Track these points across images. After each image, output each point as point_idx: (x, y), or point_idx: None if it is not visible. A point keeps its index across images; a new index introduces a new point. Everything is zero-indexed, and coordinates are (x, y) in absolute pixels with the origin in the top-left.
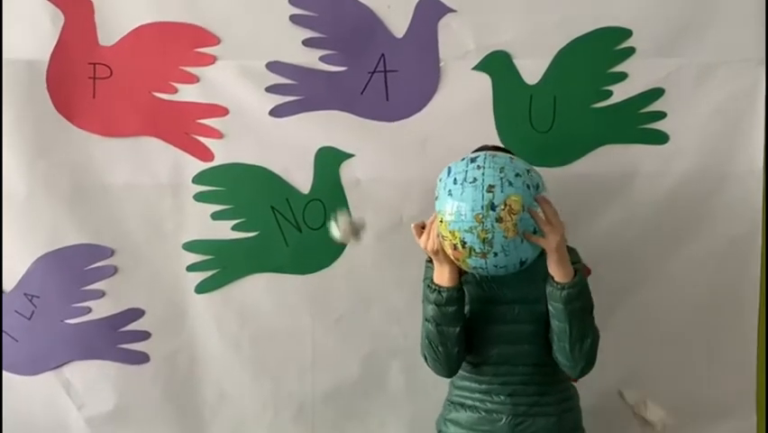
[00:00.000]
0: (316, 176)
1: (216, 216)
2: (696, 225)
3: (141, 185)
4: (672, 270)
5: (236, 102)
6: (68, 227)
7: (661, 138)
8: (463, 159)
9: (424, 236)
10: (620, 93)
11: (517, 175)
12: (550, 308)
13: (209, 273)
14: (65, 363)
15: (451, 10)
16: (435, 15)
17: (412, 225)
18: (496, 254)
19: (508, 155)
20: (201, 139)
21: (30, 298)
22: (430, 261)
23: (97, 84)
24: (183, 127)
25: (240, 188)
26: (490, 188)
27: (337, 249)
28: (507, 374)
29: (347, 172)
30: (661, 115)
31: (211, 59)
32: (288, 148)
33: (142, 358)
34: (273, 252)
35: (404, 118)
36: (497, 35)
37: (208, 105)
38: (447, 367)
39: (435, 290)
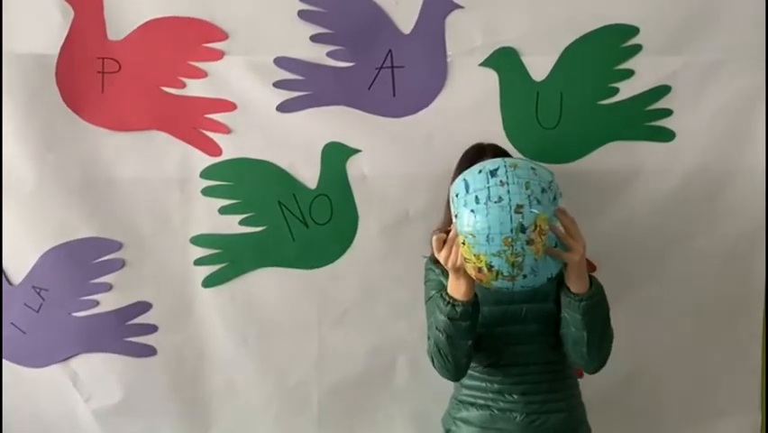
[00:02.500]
0: (323, 171)
1: (224, 210)
2: (701, 222)
3: (149, 179)
4: (676, 267)
5: (244, 97)
6: (76, 221)
7: (667, 135)
8: (480, 171)
9: (445, 251)
10: (627, 90)
11: (543, 191)
12: (566, 315)
13: (216, 267)
14: (72, 356)
15: (458, 6)
16: (443, 11)
17: (434, 238)
18: (525, 276)
19: (529, 165)
20: (209, 134)
21: (38, 291)
22: (435, 262)
23: (106, 78)
24: (191, 122)
25: (247, 182)
26: (518, 209)
27: (344, 244)
28: (519, 374)
29: (354, 168)
30: (667, 113)
31: (219, 55)
32: (294, 143)
33: (149, 351)
34: (280, 246)
35: (411, 114)
36: (504, 32)
37: (216, 100)
38: (456, 374)
39: (450, 303)
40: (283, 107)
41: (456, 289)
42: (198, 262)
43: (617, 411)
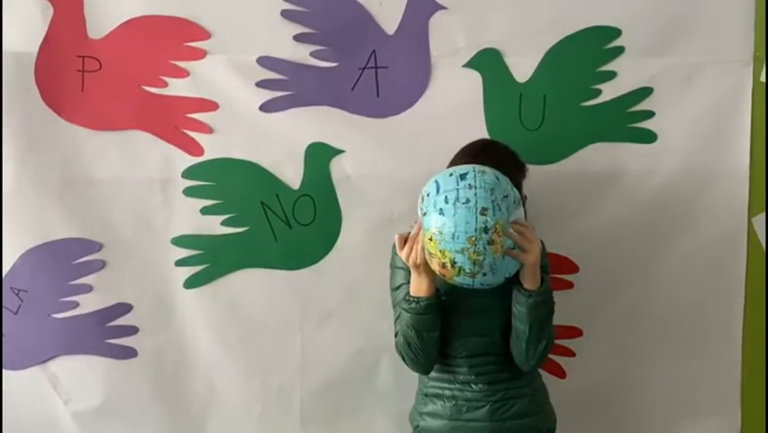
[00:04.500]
0: (306, 171)
1: (206, 210)
2: (683, 223)
3: (130, 179)
4: (659, 267)
5: (226, 97)
6: (55, 221)
7: (649, 137)
8: (451, 174)
9: (406, 249)
10: (609, 92)
11: (505, 197)
12: (514, 309)
13: (198, 268)
14: (52, 358)
15: (442, 7)
16: (426, 12)
17: (396, 236)
18: (485, 274)
19: (494, 173)
20: (191, 133)
21: (17, 292)
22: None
23: (86, 77)
24: (173, 121)
25: (229, 183)
26: (484, 211)
27: (327, 245)
28: (482, 364)
29: (337, 168)
30: (649, 114)
31: (201, 54)
32: (278, 143)
33: (130, 353)
34: (263, 247)
35: (394, 115)
36: (487, 33)
37: (198, 100)
38: (427, 367)
39: (414, 301)
40: (266, 107)
41: (418, 286)
42: (180, 262)
43: (600, 412)
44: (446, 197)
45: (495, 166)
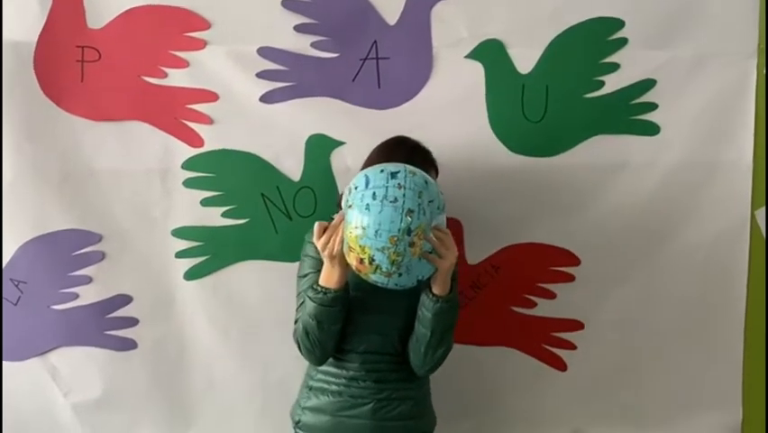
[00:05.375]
0: (307, 163)
1: (206, 202)
2: (685, 216)
3: (130, 170)
4: (660, 260)
5: (226, 87)
6: (55, 212)
7: (652, 129)
8: (382, 171)
9: (324, 238)
10: (612, 84)
11: (431, 201)
12: (419, 313)
13: (198, 260)
14: (51, 350)
15: None
16: (428, 3)
17: (316, 224)
18: (400, 275)
19: (423, 176)
20: (190, 124)
21: (16, 283)
22: (310, 239)
23: (86, 67)
24: (172, 112)
25: (229, 174)
26: (410, 213)
27: None
28: (375, 362)
29: (338, 160)
30: (652, 107)
31: (201, 44)
32: (278, 135)
33: (130, 345)
34: (263, 239)
35: (395, 106)
36: (490, 24)
37: (198, 91)
38: (322, 358)
39: (321, 291)
40: (266, 98)
41: (329, 277)
42: (180, 254)
43: (601, 405)
44: (374, 193)
45: (406, 161)
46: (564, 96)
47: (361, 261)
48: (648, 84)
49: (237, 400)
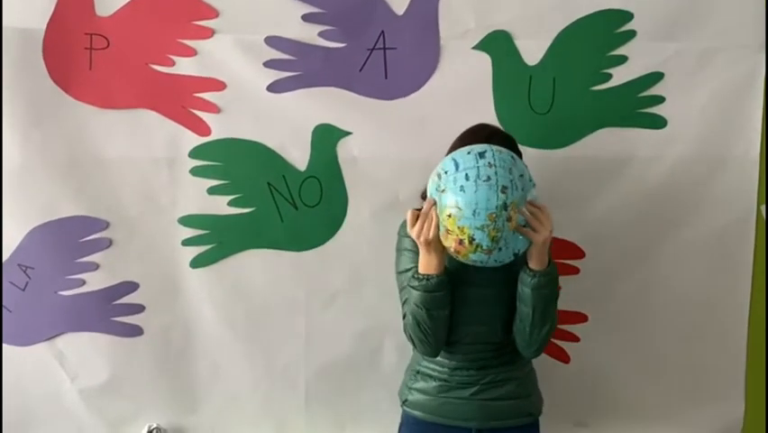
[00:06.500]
0: (313, 153)
1: (212, 190)
2: (691, 210)
3: (137, 158)
4: (666, 253)
5: (234, 76)
6: (62, 199)
7: (659, 122)
8: (469, 152)
9: (418, 226)
10: (619, 76)
11: (521, 176)
12: (519, 291)
13: (204, 248)
14: (58, 335)
15: None
16: None
17: (408, 212)
18: (500, 250)
19: (509, 152)
20: (198, 113)
21: (24, 269)
22: (407, 234)
23: (94, 55)
24: (180, 101)
25: (236, 163)
26: (504, 189)
27: (332, 227)
28: (479, 351)
29: (344, 150)
30: (659, 100)
31: (209, 33)
32: (285, 124)
33: (136, 331)
34: (269, 228)
35: (402, 96)
36: (498, 15)
37: (206, 79)
38: (437, 348)
39: (424, 278)
40: (273, 87)
41: (428, 264)
42: (186, 242)
43: (604, 397)
44: (467, 174)
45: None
46: (571, 89)
47: (461, 242)
48: (656, 77)
49: (242, 387)
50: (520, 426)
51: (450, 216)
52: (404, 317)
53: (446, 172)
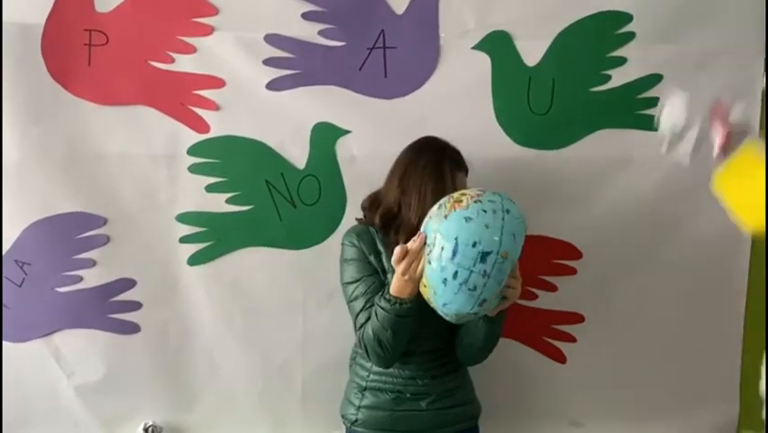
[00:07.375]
0: (312, 151)
1: (211, 188)
2: (688, 211)
3: (136, 155)
4: (663, 255)
5: (233, 74)
6: (60, 195)
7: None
8: (474, 244)
9: (405, 263)
10: (619, 78)
11: (513, 270)
12: (470, 327)
13: (202, 245)
14: (55, 332)
15: None
16: None
17: (397, 248)
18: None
19: (517, 249)
20: (197, 110)
21: (20, 265)
22: (352, 243)
23: (93, 51)
24: (179, 98)
25: (235, 161)
26: (482, 303)
27: (331, 225)
28: (432, 360)
29: (343, 149)
30: (658, 102)
31: (208, 30)
32: (284, 122)
33: (133, 328)
34: (267, 226)
35: (402, 96)
36: (497, 15)
37: (205, 77)
38: (392, 362)
39: (396, 302)
40: (273, 85)
41: (402, 289)
42: (184, 239)
43: (600, 397)
44: (457, 272)
45: (436, 160)
46: (570, 90)
47: (430, 301)
48: (655, 79)
49: (239, 385)
50: (463, 430)
51: (425, 286)
52: (358, 327)
53: (442, 248)
